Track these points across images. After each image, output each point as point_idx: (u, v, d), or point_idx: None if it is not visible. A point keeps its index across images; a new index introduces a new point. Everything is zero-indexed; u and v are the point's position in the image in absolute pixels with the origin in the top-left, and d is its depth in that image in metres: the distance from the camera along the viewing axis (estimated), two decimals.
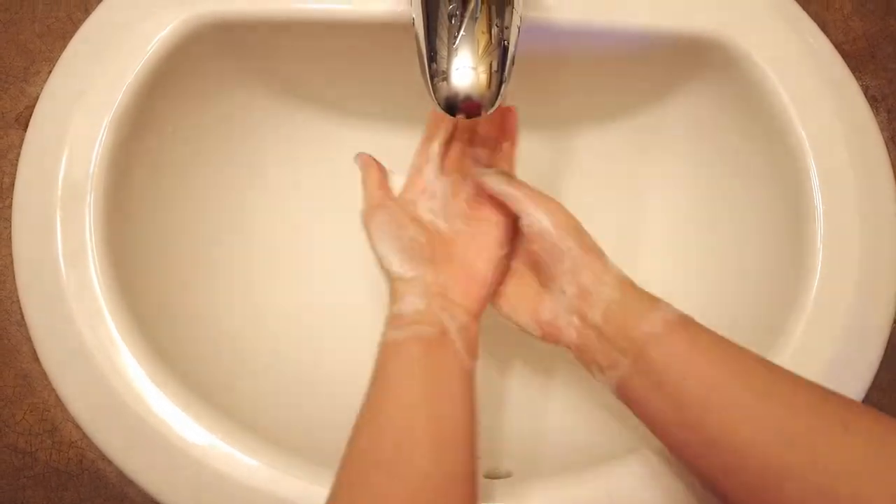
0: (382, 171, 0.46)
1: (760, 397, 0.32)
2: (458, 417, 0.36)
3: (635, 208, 0.53)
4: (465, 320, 0.39)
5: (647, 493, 0.38)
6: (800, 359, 0.40)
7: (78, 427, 0.40)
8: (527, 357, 0.51)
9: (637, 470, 0.39)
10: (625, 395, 0.37)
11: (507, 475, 0.44)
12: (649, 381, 0.35)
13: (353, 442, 0.35)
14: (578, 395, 0.50)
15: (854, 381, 0.40)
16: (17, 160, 0.42)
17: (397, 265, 0.41)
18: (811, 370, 0.40)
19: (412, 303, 0.39)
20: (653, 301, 0.37)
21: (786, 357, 0.40)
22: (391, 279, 0.41)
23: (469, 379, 0.38)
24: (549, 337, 0.40)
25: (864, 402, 0.40)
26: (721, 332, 0.35)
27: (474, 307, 0.40)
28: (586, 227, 0.40)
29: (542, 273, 0.41)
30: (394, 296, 0.40)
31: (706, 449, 0.33)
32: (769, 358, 0.35)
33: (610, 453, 0.41)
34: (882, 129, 0.44)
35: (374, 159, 0.47)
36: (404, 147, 0.47)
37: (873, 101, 0.46)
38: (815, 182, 0.43)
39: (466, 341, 0.38)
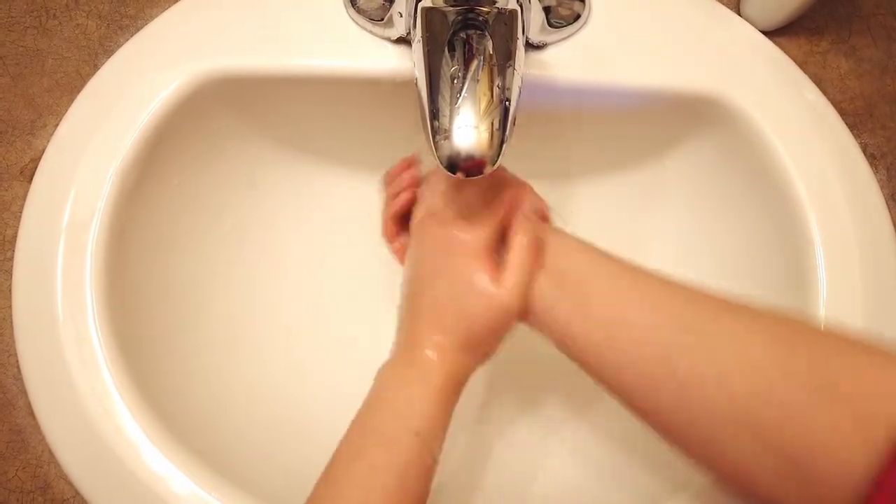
0: None
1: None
2: None
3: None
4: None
5: None
6: None
7: (71, 484, 0.39)
8: (514, 418, 0.50)
9: None
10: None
11: None
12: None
13: None
14: (580, 451, 0.48)
15: None
16: (21, 213, 0.42)
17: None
18: None
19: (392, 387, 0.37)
20: None
21: None
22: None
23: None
24: None
25: None
26: None
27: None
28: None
29: None
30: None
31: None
32: None
33: None
34: (882, 187, 0.44)
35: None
36: None
37: (872, 158, 0.46)
38: (816, 238, 0.42)
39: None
